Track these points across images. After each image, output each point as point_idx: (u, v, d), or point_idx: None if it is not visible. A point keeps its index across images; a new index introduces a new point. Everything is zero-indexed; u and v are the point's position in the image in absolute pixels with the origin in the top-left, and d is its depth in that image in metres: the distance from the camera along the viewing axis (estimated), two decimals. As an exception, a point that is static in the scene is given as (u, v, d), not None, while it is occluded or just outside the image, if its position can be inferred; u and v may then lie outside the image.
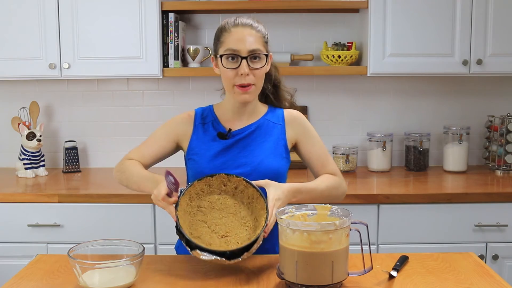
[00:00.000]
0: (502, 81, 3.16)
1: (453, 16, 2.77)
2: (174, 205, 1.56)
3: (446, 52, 2.79)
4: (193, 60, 2.97)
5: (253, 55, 1.69)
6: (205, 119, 1.85)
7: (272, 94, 1.88)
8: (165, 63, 2.87)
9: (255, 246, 1.51)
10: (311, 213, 1.56)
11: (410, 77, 3.11)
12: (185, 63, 3.02)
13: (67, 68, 2.80)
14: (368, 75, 2.85)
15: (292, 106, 1.92)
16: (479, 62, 2.79)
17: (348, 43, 3.00)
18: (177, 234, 1.55)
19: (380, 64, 2.81)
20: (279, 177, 1.79)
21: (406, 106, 3.19)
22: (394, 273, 1.56)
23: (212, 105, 1.90)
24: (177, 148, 1.89)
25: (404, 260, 1.65)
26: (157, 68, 2.81)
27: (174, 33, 2.86)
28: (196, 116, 1.86)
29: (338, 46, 2.99)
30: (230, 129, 1.80)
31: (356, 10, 3.06)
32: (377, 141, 3.06)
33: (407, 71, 2.83)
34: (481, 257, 2.59)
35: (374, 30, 2.79)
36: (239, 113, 1.82)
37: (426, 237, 2.58)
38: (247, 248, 1.50)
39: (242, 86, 1.71)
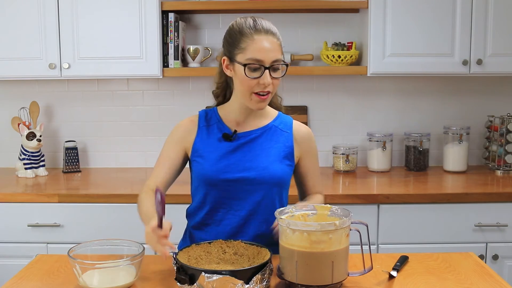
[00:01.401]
0: (502, 81, 3.16)
1: (453, 16, 2.76)
2: (165, 241, 1.46)
3: (446, 52, 2.79)
4: (193, 60, 2.97)
5: (275, 65, 1.65)
6: (209, 121, 1.81)
7: None
8: (165, 63, 2.87)
9: (265, 275, 1.43)
10: (311, 213, 1.56)
11: (410, 77, 3.11)
12: (185, 63, 3.02)
13: (67, 68, 2.80)
14: (368, 75, 2.85)
15: (278, 99, 1.89)
16: (479, 62, 2.79)
17: (348, 43, 3.00)
18: (177, 279, 1.43)
19: (380, 64, 2.81)
20: (282, 184, 1.77)
21: (406, 106, 3.19)
22: (394, 273, 1.56)
23: (216, 107, 1.86)
24: (187, 156, 1.84)
25: (404, 260, 1.65)
26: (157, 68, 2.81)
27: (174, 33, 2.86)
28: (200, 119, 1.82)
29: (338, 46, 2.99)
30: (235, 130, 1.77)
31: (356, 10, 3.06)
32: (377, 141, 3.06)
33: (407, 71, 2.83)
34: (481, 257, 2.59)
35: (374, 30, 2.79)
36: (246, 115, 1.78)
37: (426, 237, 2.58)
38: (256, 271, 1.41)
39: (261, 94, 1.67)
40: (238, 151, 1.75)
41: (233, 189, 1.73)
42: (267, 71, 1.64)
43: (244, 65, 1.64)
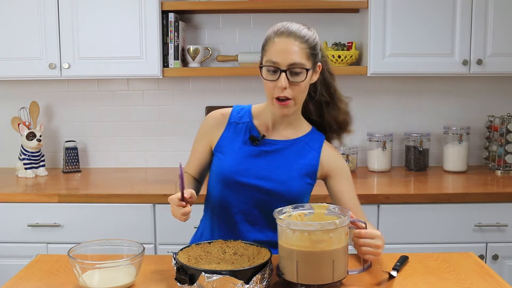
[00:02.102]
0: (502, 81, 3.16)
1: (453, 16, 2.76)
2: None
3: (446, 52, 2.79)
4: (193, 60, 2.97)
5: (293, 69, 1.61)
6: (241, 118, 1.78)
7: (326, 103, 1.79)
8: (165, 63, 2.87)
9: (266, 275, 1.43)
10: (308, 212, 1.56)
11: (410, 77, 3.11)
12: (185, 63, 3.02)
13: (67, 68, 2.80)
14: (368, 75, 2.85)
15: (347, 115, 1.84)
16: (479, 62, 2.79)
17: (348, 43, 3.00)
18: (177, 279, 1.43)
19: (380, 64, 2.81)
20: (297, 200, 1.71)
21: (406, 106, 3.19)
22: (394, 273, 1.56)
23: (251, 106, 1.82)
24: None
25: (404, 260, 1.65)
26: (157, 68, 2.81)
27: (174, 33, 2.86)
28: (232, 114, 1.79)
29: (338, 46, 2.99)
30: (264, 136, 1.74)
31: (356, 10, 3.06)
32: (377, 141, 3.06)
33: (407, 71, 2.83)
34: (481, 257, 2.59)
35: (374, 30, 2.79)
36: (278, 122, 1.75)
37: (426, 237, 2.58)
38: (256, 271, 1.40)
39: (281, 100, 1.63)
40: (260, 158, 1.73)
41: (246, 194, 1.71)
42: (283, 74, 1.60)
43: (262, 67, 1.64)
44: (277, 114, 1.70)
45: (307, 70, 1.62)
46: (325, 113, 1.81)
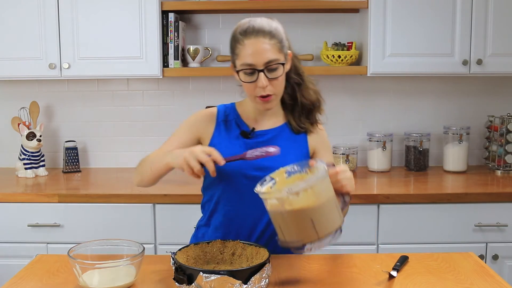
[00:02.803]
0: (502, 81, 3.16)
1: (453, 16, 2.77)
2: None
3: (446, 52, 2.79)
4: (193, 60, 2.97)
5: (270, 67, 1.64)
6: (228, 116, 1.82)
7: (297, 84, 1.81)
8: (165, 63, 2.87)
9: (264, 274, 1.42)
10: (272, 183, 1.55)
11: (410, 77, 3.11)
12: (185, 63, 3.02)
13: (67, 68, 2.80)
14: (368, 75, 2.85)
15: (318, 94, 1.85)
16: (479, 62, 2.79)
17: (348, 43, 3.00)
18: (176, 279, 1.42)
19: (380, 64, 2.81)
20: None
21: (406, 106, 3.19)
22: (394, 273, 1.56)
23: (234, 103, 1.87)
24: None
25: (404, 260, 1.65)
26: (157, 68, 2.81)
27: (174, 33, 2.86)
28: (219, 113, 1.83)
29: (338, 46, 3.00)
30: (253, 128, 1.78)
31: (356, 10, 3.06)
32: (377, 141, 3.06)
33: (407, 71, 2.83)
34: (481, 257, 2.59)
35: (374, 30, 2.79)
36: (263, 113, 1.80)
37: (426, 237, 2.58)
38: (255, 270, 1.40)
39: (263, 96, 1.67)
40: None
41: (248, 187, 1.70)
42: (261, 74, 1.63)
43: (238, 71, 1.67)
44: (262, 109, 1.74)
45: (283, 64, 1.66)
46: (297, 94, 1.82)
